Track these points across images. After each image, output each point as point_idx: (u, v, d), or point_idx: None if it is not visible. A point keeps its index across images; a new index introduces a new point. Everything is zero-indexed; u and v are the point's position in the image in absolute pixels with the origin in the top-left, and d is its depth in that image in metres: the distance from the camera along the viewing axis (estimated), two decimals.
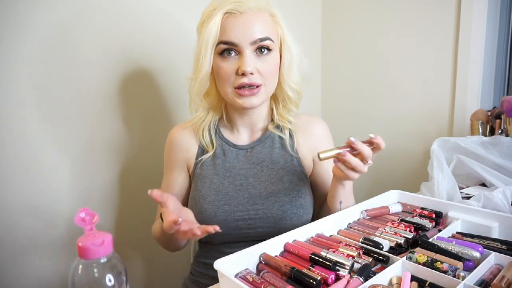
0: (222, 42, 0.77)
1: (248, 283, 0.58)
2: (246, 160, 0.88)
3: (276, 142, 0.89)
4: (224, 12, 0.76)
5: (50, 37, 0.99)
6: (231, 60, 0.78)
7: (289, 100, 0.89)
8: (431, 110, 1.41)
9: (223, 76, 0.79)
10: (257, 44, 0.78)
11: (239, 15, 0.77)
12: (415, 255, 0.63)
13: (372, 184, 1.60)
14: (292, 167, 0.88)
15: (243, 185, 0.86)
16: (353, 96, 1.66)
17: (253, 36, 0.77)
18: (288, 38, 0.84)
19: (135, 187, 1.20)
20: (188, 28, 1.22)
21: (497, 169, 1.03)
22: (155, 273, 1.28)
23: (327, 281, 0.59)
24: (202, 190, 0.85)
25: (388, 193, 0.91)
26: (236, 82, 0.79)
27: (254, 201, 0.85)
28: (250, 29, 0.77)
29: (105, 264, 0.41)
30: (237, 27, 0.76)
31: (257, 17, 0.78)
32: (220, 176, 0.86)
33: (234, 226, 0.84)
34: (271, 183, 0.86)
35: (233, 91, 0.80)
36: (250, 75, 0.78)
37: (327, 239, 0.72)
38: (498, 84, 1.37)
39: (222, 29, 0.77)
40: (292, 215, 0.84)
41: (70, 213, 1.07)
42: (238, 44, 0.77)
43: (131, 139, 1.18)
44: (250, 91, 0.79)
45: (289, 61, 0.84)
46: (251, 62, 0.78)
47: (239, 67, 0.77)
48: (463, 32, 1.28)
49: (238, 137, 0.90)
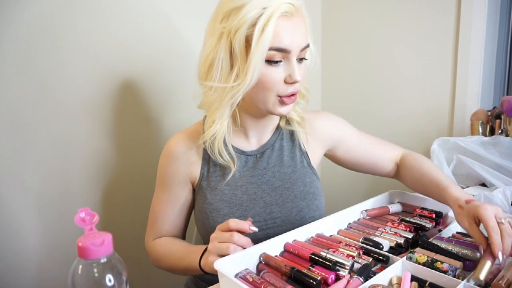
0: (275, 49, 0.69)
1: (248, 283, 0.58)
2: (256, 167, 0.83)
3: (284, 145, 0.86)
4: (279, 14, 0.68)
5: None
6: (278, 68, 0.71)
7: (299, 95, 0.83)
8: (431, 110, 1.41)
9: (269, 84, 0.72)
10: (303, 50, 0.73)
11: (290, 18, 0.70)
12: (415, 255, 0.63)
13: (372, 184, 1.60)
14: (303, 169, 0.86)
15: (257, 194, 0.81)
16: (353, 96, 1.66)
17: (303, 42, 0.72)
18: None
19: (135, 187, 1.20)
20: (180, 30, 1.22)
21: (497, 169, 1.03)
22: (155, 273, 1.28)
23: (327, 281, 0.59)
24: (214, 203, 0.80)
25: (388, 193, 0.91)
26: (285, 90, 0.73)
27: (271, 210, 0.81)
28: (301, 34, 0.71)
29: (105, 264, 0.41)
30: (289, 32, 0.69)
31: (302, 21, 0.72)
32: (231, 186, 0.81)
33: (251, 238, 0.78)
34: (286, 188, 0.83)
35: (277, 99, 0.74)
36: (296, 84, 0.73)
37: (327, 239, 0.72)
38: (498, 84, 1.37)
39: (274, 33, 0.68)
40: (310, 219, 0.81)
41: (70, 212, 1.07)
42: (290, 50, 0.70)
43: (131, 138, 1.18)
44: (290, 99, 0.75)
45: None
46: (299, 70, 0.72)
47: (290, 75, 0.72)
48: (463, 32, 1.27)
49: (247, 142, 0.85)
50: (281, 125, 0.87)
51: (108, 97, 1.11)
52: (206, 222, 0.81)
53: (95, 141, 1.11)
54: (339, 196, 1.74)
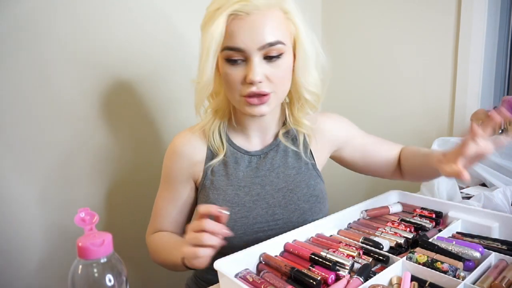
0: (228, 48, 0.70)
1: (248, 283, 0.58)
2: (260, 167, 0.83)
3: (289, 146, 0.85)
4: (228, 13, 0.68)
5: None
6: (238, 67, 0.71)
7: (306, 103, 0.82)
8: (431, 110, 1.41)
9: (230, 84, 0.73)
10: (266, 49, 0.70)
11: (246, 17, 0.68)
12: (415, 255, 0.63)
13: (372, 184, 1.60)
14: (307, 171, 0.85)
15: (260, 195, 0.81)
16: (353, 96, 1.66)
17: (262, 41, 0.69)
18: (303, 36, 0.75)
19: (135, 187, 1.20)
20: (178, 30, 1.22)
21: (497, 169, 1.03)
22: (155, 273, 1.28)
23: (327, 281, 0.59)
24: (216, 202, 0.79)
25: (388, 193, 0.91)
26: (244, 91, 0.72)
27: (274, 211, 0.80)
28: (258, 32, 0.68)
29: (105, 264, 0.41)
30: (243, 31, 0.68)
31: (266, 18, 0.69)
32: (234, 186, 0.81)
33: (253, 238, 0.78)
34: (289, 190, 0.82)
35: (242, 99, 0.74)
36: (258, 84, 0.71)
37: (327, 239, 0.72)
38: (498, 84, 1.37)
39: (228, 33, 0.69)
40: None
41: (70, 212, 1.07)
42: (245, 50, 0.69)
43: (131, 138, 1.18)
44: (259, 100, 0.73)
45: (303, 62, 0.76)
46: (260, 70, 0.70)
47: (247, 75, 0.70)
48: (463, 32, 1.27)
49: (250, 142, 0.85)
50: (280, 136, 0.85)
51: (109, 97, 1.11)
52: None
53: (95, 142, 1.11)
54: (339, 196, 1.73)
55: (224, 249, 0.77)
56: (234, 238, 0.77)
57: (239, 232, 0.78)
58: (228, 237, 0.76)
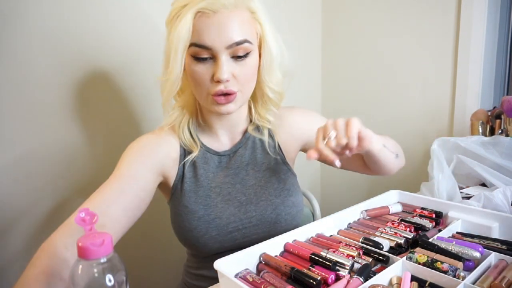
0: (195, 45, 0.69)
1: (248, 283, 0.58)
2: (229, 166, 0.83)
3: (257, 143, 0.86)
4: (195, 11, 0.68)
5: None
6: (205, 65, 0.71)
7: (269, 101, 0.83)
8: (431, 110, 1.41)
9: (197, 81, 0.72)
10: (233, 48, 0.70)
11: (213, 15, 0.68)
12: (415, 255, 0.63)
13: (372, 184, 1.60)
14: (277, 166, 0.85)
15: (231, 194, 0.81)
16: (353, 96, 1.66)
17: (229, 40, 0.69)
18: (269, 36, 0.75)
19: None
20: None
21: (497, 169, 1.03)
22: (155, 273, 1.28)
23: (327, 281, 0.59)
24: (189, 205, 0.78)
25: (388, 193, 0.91)
26: (212, 89, 0.72)
27: (246, 209, 0.80)
28: (225, 31, 0.68)
29: (105, 264, 0.41)
30: (210, 29, 0.68)
31: (233, 17, 0.69)
32: (205, 188, 0.80)
33: (228, 239, 0.79)
34: (260, 186, 0.82)
35: (209, 97, 0.73)
36: (226, 83, 0.71)
37: (327, 239, 0.72)
38: (498, 84, 1.37)
39: (195, 30, 0.69)
40: (287, 216, 0.82)
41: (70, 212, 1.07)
42: (212, 48, 0.69)
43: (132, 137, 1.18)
44: (226, 99, 0.73)
45: (269, 61, 0.77)
46: (227, 68, 0.70)
47: (214, 73, 0.70)
48: (463, 32, 1.28)
49: (219, 142, 0.84)
50: (249, 130, 0.85)
51: (111, 97, 1.11)
52: (182, 226, 0.79)
53: (95, 142, 1.11)
54: (339, 196, 1.74)
55: (199, 252, 0.77)
56: (209, 239, 0.77)
57: (214, 234, 0.78)
58: (202, 238, 0.76)
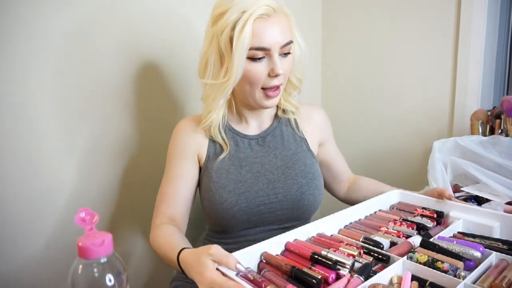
0: (255, 48, 0.78)
1: (249, 282, 0.58)
2: (259, 149, 0.91)
3: (284, 131, 0.94)
4: (256, 17, 0.76)
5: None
6: (261, 63, 0.80)
7: (291, 86, 0.92)
8: (431, 110, 1.41)
9: (253, 79, 0.81)
10: (283, 48, 0.80)
11: (267, 19, 0.78)
12: (416, 254, 0.63)
13: None
14: (303, 152, 0.93)
15: (260, 172, 0.88)
16: (353, 96, 1.66)
17: (282, 41, 0.80)
18: (298, 35, 0.86)
19: (135, 187, 1.20)
20: (198, 28, 1.22)
21: (496, 169, 1.02)
22: (155, 273, 1.28)
23: (327, 280, 0.59)
24: (219, 181, 0.86)
25: (389, 193, 0.91)
26: (268, 83, 0.82)
27: (274, 186, 0.87)
28: (278, 33, 0.79)
29: (105, 264, 0.41)
30: (268, 32, 0.78)
31: (281, 20, 0.80)
32: (236, 166, 0.88)
33: (255, 212, 0.85)
34: (288, 167, 0.89)
35: (262, 93, 0.83)
36: (279, 76, 0.82)
37: (328, 239, 0.72)
38: (498, 84, 1.37)
39: (254, 34, 0.77)
40: (310, 196, 0.88)
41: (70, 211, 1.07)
42: (270, 49, 0.79)
43: (133, 139, 1.18)
44: (274, 92, 0.83)
45: (298, 57, 0.88)
46: (280, 65, 0.81)
47: (272, 69, 0.80)
48: (463, 32, 1.28)
49: (247, 127, 0.93)
50: (279, 114, 0.96)
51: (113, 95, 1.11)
52: (213, 200, 0.85)
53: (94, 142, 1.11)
54: None
55: (227, 226, 0.85)
56: (238, 211, 0.84)
57: (243, 206, 0.84)
58: (232, 210, 0.83)
